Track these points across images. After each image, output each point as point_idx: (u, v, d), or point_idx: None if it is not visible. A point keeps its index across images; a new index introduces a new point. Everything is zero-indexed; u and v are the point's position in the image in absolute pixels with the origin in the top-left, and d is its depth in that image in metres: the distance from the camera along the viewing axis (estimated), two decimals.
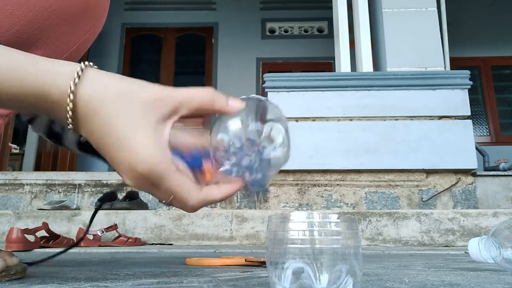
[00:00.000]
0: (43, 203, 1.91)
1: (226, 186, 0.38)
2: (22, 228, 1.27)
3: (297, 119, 2.23)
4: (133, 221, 1.66)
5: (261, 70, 5.06)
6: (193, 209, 0.38)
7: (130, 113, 0.34)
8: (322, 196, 2.18)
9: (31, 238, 1.27)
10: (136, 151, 0.34)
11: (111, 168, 0.47)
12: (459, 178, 2.18)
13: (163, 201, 0.37)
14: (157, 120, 0.35)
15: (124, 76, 0.36)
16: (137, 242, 1.52)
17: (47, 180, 2.26)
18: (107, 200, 1.86)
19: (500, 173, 2.31)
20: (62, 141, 0.58)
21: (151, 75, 5.12)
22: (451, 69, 2.53)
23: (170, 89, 0.36)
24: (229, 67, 5.06)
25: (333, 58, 2.67)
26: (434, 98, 2.23)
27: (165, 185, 0.35)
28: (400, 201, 2.16)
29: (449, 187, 2.16)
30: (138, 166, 0.34)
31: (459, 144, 2.17)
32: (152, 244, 1.61)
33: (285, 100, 2.22)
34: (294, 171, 2.19)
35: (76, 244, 0.70)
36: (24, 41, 0.45)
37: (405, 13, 2.50)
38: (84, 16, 0.50)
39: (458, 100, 2.23)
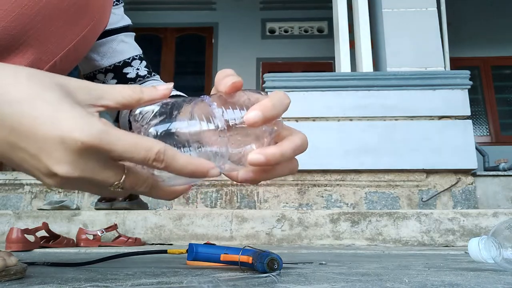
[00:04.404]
0: (43, 203, 1.91)
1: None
2: (22, 228, 1.27)
3: (297, 119, 2.23)
4: (133, 221, 1.66)
5: (261, 70, 5.06)
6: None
7: (48, 92, 0.29)
8: (322, 196, 2.18)
9: (31, 238, 1.27)
10: (69, 120, 0.28)
11: None
12: (459, 178, 2.18)
13: (116, 185, 0.30)
14: (80, 102, 0.30)
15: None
16: (137, 242, 1.52)
17: None
18: (107, 200, 1.87)
19: (500, 173, 2.31)
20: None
21: None
22: (451, 69, 2.53)
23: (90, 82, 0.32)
24: (229, 67, 5.02)
25: (333, 58, 2.67)
26: (434, 98, 2.23)
27: (118, 150, 0.28)
28: (400, 201, 2.16)
29: (449, 187, 2.16)
30: (75, 133, 0.27)
31: (459, 144, 2.17)
32: (152, 244, 1.61)
33: None
34: None
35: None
36: (13, 39, 0.41)
37: (405, 13, 2.50)
38: (80, 10, 0.45)
39: (458, 100, 2.23)
